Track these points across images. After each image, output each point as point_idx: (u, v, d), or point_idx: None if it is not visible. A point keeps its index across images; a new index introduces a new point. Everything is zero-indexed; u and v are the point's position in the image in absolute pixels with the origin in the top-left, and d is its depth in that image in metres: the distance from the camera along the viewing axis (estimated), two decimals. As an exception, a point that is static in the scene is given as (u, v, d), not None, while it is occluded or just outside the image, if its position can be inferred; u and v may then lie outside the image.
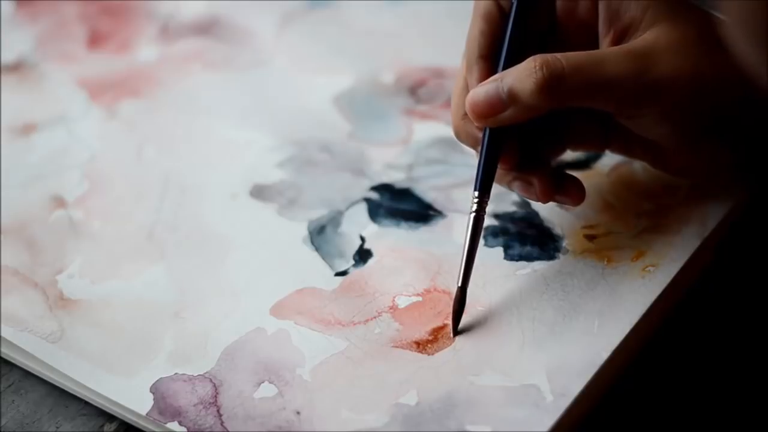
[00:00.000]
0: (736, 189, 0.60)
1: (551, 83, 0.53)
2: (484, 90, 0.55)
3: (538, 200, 0.57)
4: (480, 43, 0.57)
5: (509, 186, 0.57)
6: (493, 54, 0.56)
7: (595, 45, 0.56)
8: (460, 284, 0.55)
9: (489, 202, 0.56)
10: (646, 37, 0.54)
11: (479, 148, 0.56)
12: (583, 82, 0.53)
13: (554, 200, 0.57)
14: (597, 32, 0.56)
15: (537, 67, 0.53)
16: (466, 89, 0.57)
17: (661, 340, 0.56)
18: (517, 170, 0.57)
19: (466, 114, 0.56)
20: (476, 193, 0.55)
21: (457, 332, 0.55)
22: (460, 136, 0.58)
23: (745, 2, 0.39)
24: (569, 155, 0.63)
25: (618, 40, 0.55)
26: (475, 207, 0.55)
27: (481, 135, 0.56)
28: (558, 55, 0.53)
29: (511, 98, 0.54)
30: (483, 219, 0.55)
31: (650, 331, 0.56)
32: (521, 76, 0.54)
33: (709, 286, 0.59)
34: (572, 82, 0.53)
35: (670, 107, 0.54)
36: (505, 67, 0.55)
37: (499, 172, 0.56)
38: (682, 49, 0.53)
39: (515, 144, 0.56)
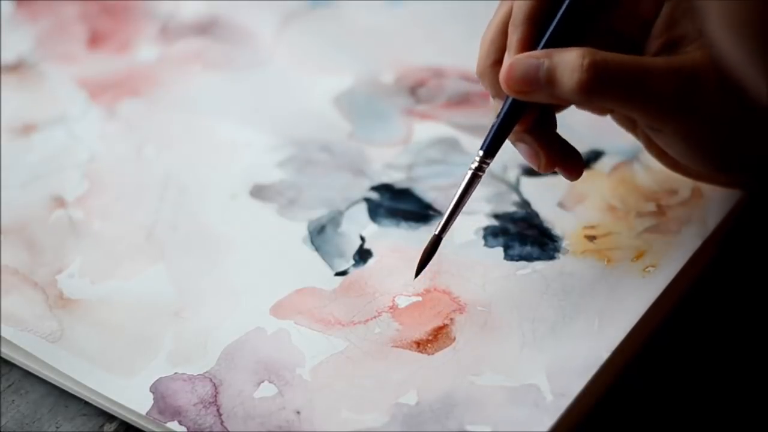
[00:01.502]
0: (735, 188, 0.60)
1: (593, 86, 0.51)
2: (525, 65, 0.53)
3: (539, 169, 0.56)
4: (532, 6, 0.54)
5: (514, 144, 0.56)
6: (540, 19, 0.54)
7: (644, 38, 0.55)
8: (437, 232, 0.55)
9: (489, 203, 0.56)
10: (696, 57, 0.52)
11: (497, 103, 0.55)
12: (625, 92, 0.52)
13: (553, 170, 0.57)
14: (651, 27, 0.55)
15: (584, 66, 0.51)
16: (501, 36, 0.55)
17: (662, 340, 0.56)
18: (528, 132, 0.55)
19: (496, 61, 0.55)
20: (481, 152, 0.55)
21: (417, 275, 0.56)
22: (484, 81, 0.56)
23: (728, 2, 0.37)
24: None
25: (668, 47, 0.54)
26: (475, 165, 0.55)
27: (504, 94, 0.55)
28: (607, 57, 0.52)
29: (549, 83, 0.52)
30: (479, 178, 0.55)
31: (651, 331, 0.56)
32: (566, 68, 0.52)
33: (710, 285, 0.59)
34: (614, 90, 0.52)
35: (701, 133, 0.53)
36: (548, 42, 0.53)
37: None
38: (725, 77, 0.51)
39: (535, 109, 0.55)
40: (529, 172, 0.63)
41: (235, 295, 0.58)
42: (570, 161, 0.56)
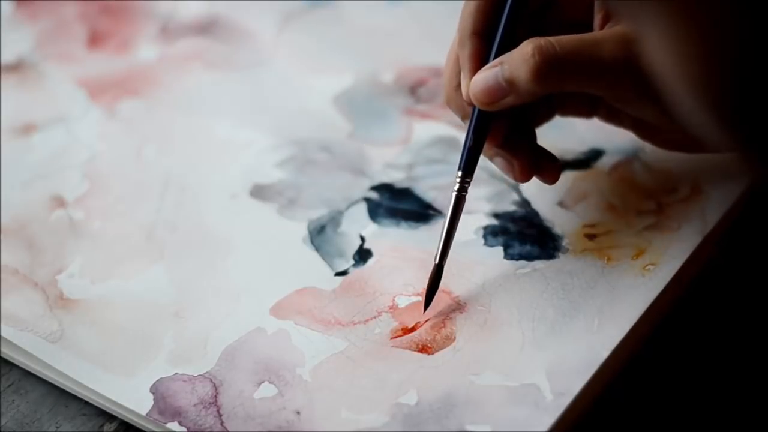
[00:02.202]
0: (735, 168, 0.59)
1: (544, 69, 0.53)
2: (483, 77, 0.55)
3: (514, 179, 0.57)
4: (475, 19, 0.56)
5: (491, 159, 0.58)
6: (486, 31, 0.56)
7: (591, 18, 0.56)
8: (437, 261, 0.56)
9: (489, 202, 0.56)
10: None
11: (468, 122, 0.56)
12: (577, 68, 0.53)
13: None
14: (593, 5, 0.56)
15: (530, 54, 0.53)
16: (457, 65, 0.57)
17: (662, 338, 0.56)
18: (501, 146, 0.57)
19: (457, 85, 0.57)
20: (459, 173, 0.56)
21: (427, 308, 0.56)
22: (451, 106, 0.58)
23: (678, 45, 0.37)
24: (569, 154, 0.63)
25: (609, 18, 0.55)
26: (457, 187, 0.56)
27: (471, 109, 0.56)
28: (552, 39, 0.53)
29: (510, 85, 0.54)
30: (464, 199, 0.56)
31: (651, 330, 0.56)
32: (517, 63, 0.53)
33: (710, 284, 0.58)
34: (566, 68, 0.53)
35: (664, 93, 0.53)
36: (499, 49, 0.55)
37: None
38: None
39: (504, 121, 0.56)
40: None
41: (235, 295, 0.58)
42: (545, 167, 0.57)
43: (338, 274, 0.59)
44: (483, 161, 0.57)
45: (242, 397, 0.53)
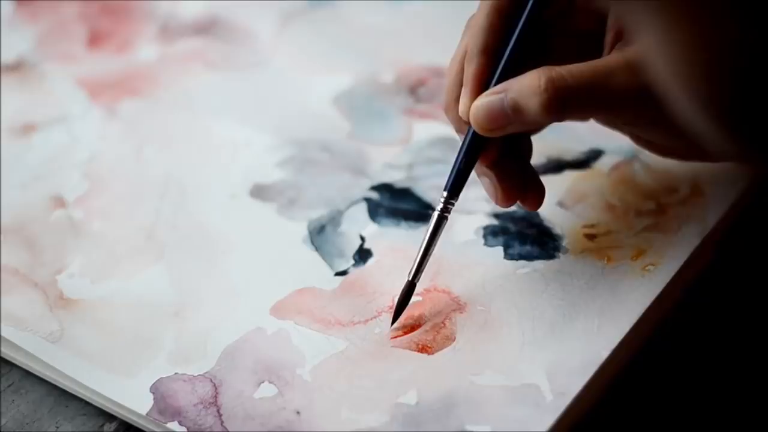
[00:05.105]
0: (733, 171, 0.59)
1: (556, 103, 0.52)
2: (486, 102, 0.53)
3: (496, 203, 0.56)
4: (486, 36, 0.55)
5: (478, 176, 0.56)
6: (494, 49, 0.55)
7: (602, 31, 0.55)
8: (410, 278, 0.55)
9: (489, 202, 0.56)
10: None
11: (461, 138, 0.56)
12: (589, 101, 0.52)
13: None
14: (605, 16, 0.55)
15: (542, 87, 0.51)
16: (460, 75, 0.56)
17: (662, 339, 0.56)
18: (491, 167, 0.56)
19: (458, 97, 0.55)
20: (445, 194, 0.55)
21: (394, 323, 0.55)
22: (448, 115, 0.57)
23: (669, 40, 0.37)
24: (569, 154, 0.63)
25: (621, 36, 0.54)
26: (440, 207, 0.55)
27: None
28: (563, 71, 0.52)
29: (515, 113, 0.53)
30: (446, 219, 0.55)
31: (650, 330, 0.56)
32: (526, 93, 0.52)
33: (710, 284, 0.58)
34: (578, 101, 0.52)
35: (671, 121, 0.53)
36: (504, 72, 0.54)
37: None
38: None
39: (499, 142, 0.55)
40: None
41: (235, 295, 0.58)
42: (530, 193, 0.56)
43: (338, 274, 0.59)
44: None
45: (242, 396, 0.53)
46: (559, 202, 0.61)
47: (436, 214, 0.55)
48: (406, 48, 0.73)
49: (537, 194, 0.57)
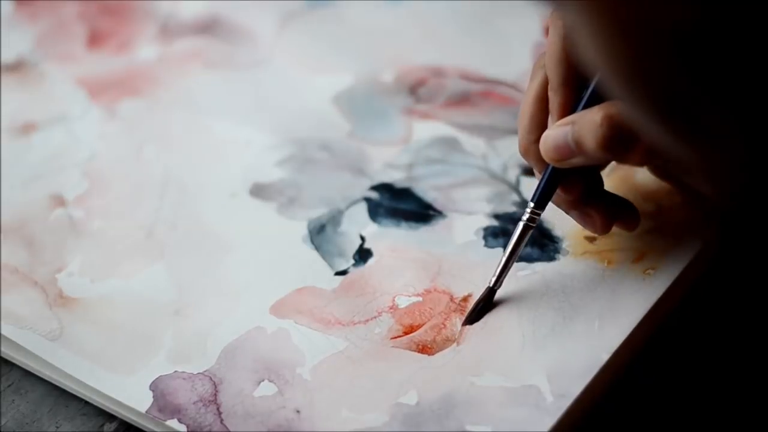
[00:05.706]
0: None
1: (612, 141, 0.51)
2: (554, 135, 0.53)
3: (596, 233, 0.57)
4: (564, 68, 0.54)
5: (567, 212, 0.57)
6: (576, 80, 0.54)
7: None
8: (491, 285, 0.55)
9: (489, 203, 0.55)
10: None
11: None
12: (645, 141, 0.51)
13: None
14: None
15: (600, 122, 0.50)
16: (539, 108, 0.55)
17: (662, 342, 0.56)
18: (579, 201, 0.55)
19: (537, 139, 0.54)
20: (532, 204, 0.55)
21: (465, 323, 0.55)
22: (528, 158, 0.56)
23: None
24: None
25: None
26: (527, 216, 0.55)
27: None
28: (623, 108, 0.50)
29: (578, 147, 0.52)
30: (531, 230, 0.55)
31: (651, 333, 0.56)
32: (587, 128, 0.51)
33: (711, 287, 0.58)
34: (634, 140, 0.50)
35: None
36: (589, 103, 0.53)
37: (560, 197, 0.55)
38: None
39: (579, 178, 0.55)
40: (529, 171, 0.62)
41: (235, 294, 0.58)
42: (624, 216, 0.56)
43: (338, 273, 0.59)
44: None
45: (242, 395, 0.53)
46: (560, 204, 0.61)
47: (521, 224, 0.55)
48: (406, 48, 0.73)
49: (631, 213, 0.56)
